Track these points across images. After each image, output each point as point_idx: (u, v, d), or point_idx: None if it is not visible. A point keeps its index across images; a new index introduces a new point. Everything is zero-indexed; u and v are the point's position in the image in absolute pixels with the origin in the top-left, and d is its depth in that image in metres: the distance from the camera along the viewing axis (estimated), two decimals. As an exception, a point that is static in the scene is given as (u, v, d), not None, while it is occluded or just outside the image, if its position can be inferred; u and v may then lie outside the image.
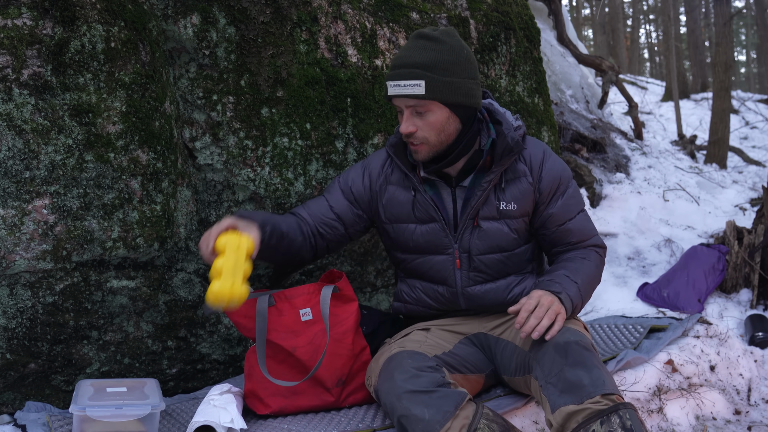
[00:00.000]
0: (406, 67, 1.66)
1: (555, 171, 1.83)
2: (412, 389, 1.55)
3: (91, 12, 1.74)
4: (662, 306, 3.11)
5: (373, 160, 1.94)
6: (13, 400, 1.95)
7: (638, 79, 15.79)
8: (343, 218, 1.88)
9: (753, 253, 3.29)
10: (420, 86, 1.64)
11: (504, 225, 1.81)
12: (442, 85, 1.65)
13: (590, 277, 1.83)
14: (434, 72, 1.65)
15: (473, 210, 1.79)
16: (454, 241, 1.81)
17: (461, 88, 1.68)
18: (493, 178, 1.77)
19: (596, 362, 1.55)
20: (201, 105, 2.02)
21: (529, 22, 2.97)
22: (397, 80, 1.67)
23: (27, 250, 1.71)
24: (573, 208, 1.86)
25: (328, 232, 1.88)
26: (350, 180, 1.91)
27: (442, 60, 1.66)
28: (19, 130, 1.67)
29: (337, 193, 1.90)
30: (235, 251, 1.56)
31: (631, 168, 5.12)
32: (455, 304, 1.88)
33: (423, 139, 1.71)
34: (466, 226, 1.80)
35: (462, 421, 1.50)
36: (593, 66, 6.20)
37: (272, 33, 2.10)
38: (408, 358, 1.66)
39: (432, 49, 1.67)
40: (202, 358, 2.21)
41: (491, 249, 1.82)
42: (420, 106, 1.68)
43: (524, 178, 1.81)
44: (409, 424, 1.53)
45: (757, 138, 9.39)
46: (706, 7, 17.72)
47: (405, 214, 1.84)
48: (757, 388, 2.41)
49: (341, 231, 1.89)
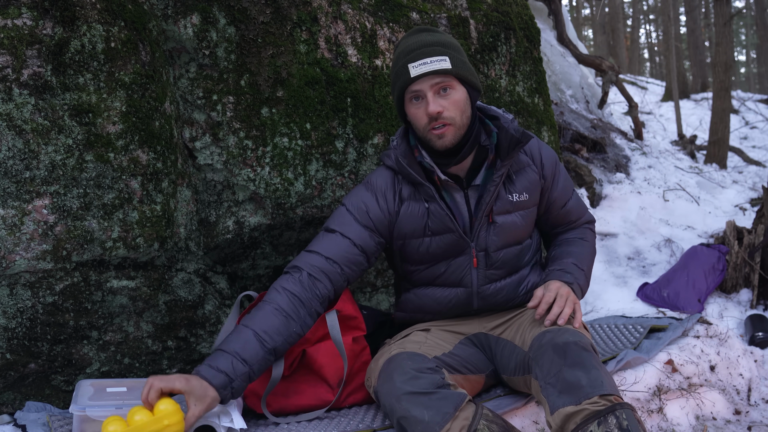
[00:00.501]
0: (428, 45, 1.69)
1: (551, 156, 1.91)
2: (412, 391, 1.55)
3: (91, 12, 1.75)
4: (662, 306, 3.11)
5: (377, 180, 1.81)
6: (13, 400, 1.95)
7: (638, 79, 15.79)
8: (366, 250, 1.74)
9: (753, 253, 3.29)
10: (446, 61, 1.67)
11: (517, 217, 1.83)
12: (462, 63, 1.71)
13: (591, 259, 1.95)
14: (453, 50, 1.71)
15: (488, 207, 1.79)
16: (471, 241, 1.81)
17: (473, 70, 1.76)
18: (503, 172, 1.79)
19: (595, 363, 1.55)
20: (201, 105, 2.02)
21: (529, 22, 2.97)
22: (422, 59, 1.66)
23: (27, 250, 1.71)
24: (569, 188, 1.96)
25: (348, 273, 1.72)
26: (363, 206, 1.76)
27: (454, 42, 1.75)
28: (19, 130, 1.67)
29: (353, 225, 1.74)
30: (157, 425, 1.42)
31: (631, 168, 5.12)
32: (467, 306, 1.88)
33: (450, 119, 1.68)
34: (482, 224, 1.80)
35: (461, 422, 1.50)
36: (593, 66, 6.20)
37: (272, 33, 2.10)
38: (407, 359, 1.65)
39: (442, 34, 1.75)
40: (202, 358, 2.21)
41: (507, 243, 1.83)
42: (445, 83, 1.68)
43: (529, 168, 1.84)
44: (408, 426, 1.52)
45: (757, 138, 9.40)
46: (706, 7, 17.72)
47: (418, 229, 1.78)
48: (757, 388, 2.41)
49: (364, 265, 1.76)
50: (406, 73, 1.68)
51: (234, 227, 2.12)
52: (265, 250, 2.28)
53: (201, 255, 2.10)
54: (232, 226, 2.12)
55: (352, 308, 1.89)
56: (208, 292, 2.14)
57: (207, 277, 2.16)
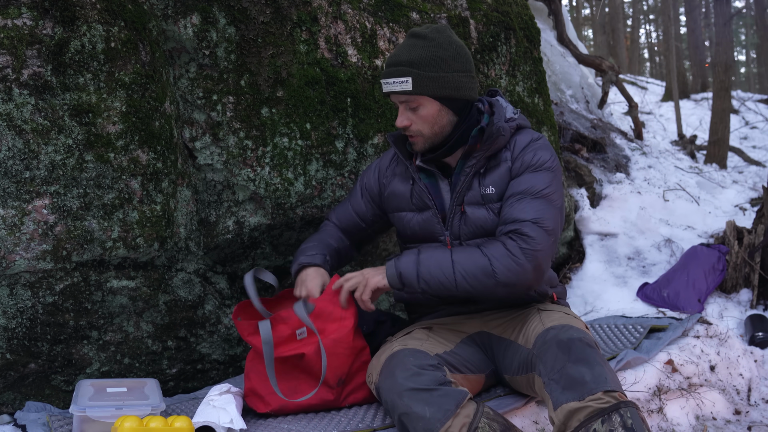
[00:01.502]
0: (395, 65, 1.77)
1: (531, 155, 1.78)
2: (414, 387, 1.56)
3: (91, 12, 1.74)
4: (662, 306, 3.11)
5: (384, 157, 2.07)
6: (13, 400, 1.95)
7: (638, 79, 15.79)
8: (363, 217, 2.05)
9: (753, 253, 3.29)
10: (407, 83, 1.75)
11: (488, 211, 1.82)
12: (428, 80, 1.75)
13: (456, 261, 1.69)
14: (420, 69, 1.74)
15: (459, 196, 1.83)
16: (446, 229, 1.86)
17: (450, 82, 1.76)
18: (475, 163, 1.81)
19: (599, 359, 1.55)
20: (201, 105, 2.02)
21: (529, 22, 2.97)
22: (387, 78, 1.79)
23: (27, 250, 1.71)
24: (522, 185, 1.73)
25: (354, 232, 2.07)
26: (365, 179, 2.05)
27: (429, 56, 1.75)
28: (19, 130, 1.67)
29: (357, 194, 2.06)
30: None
31: (631, 168, 5.12)
32: None
33: (417, 132, 1.81)
34: (455, 213, 1.84)
35: (463, 419, 1.50)
36: (593, 66, 6.20)
37: (272, 33, 2.10)
38: (410, 356, 1.66)
39: (420, 47, 1.76)
40: (202, 358, 2.21)
41: (477, 233, 1.83)
42: (411, 102, 1.78)
43: (504, 164, 1.83)
44: (409, 422, 1.53)
45: (757, 138, 9.40)
46: (706, 7, 17.72)
47: (404, 204, 1.93)
48: (757, 388, 2.41)
49: (366, 230, 2.07)
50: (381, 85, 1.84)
51: (234, 227, 2.12)
52: (265, 250, 2.28)
53: (201, 255, 2.10)
54: (232, 226, 2.12)
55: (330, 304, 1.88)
56: (208, 292, 2.14)
57: (207, 277, 2.16)
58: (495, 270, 1.66)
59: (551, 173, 1.77)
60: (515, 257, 1.66)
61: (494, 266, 1.66)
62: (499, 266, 1.66)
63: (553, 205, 1.73)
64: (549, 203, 1.72)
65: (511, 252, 1.66)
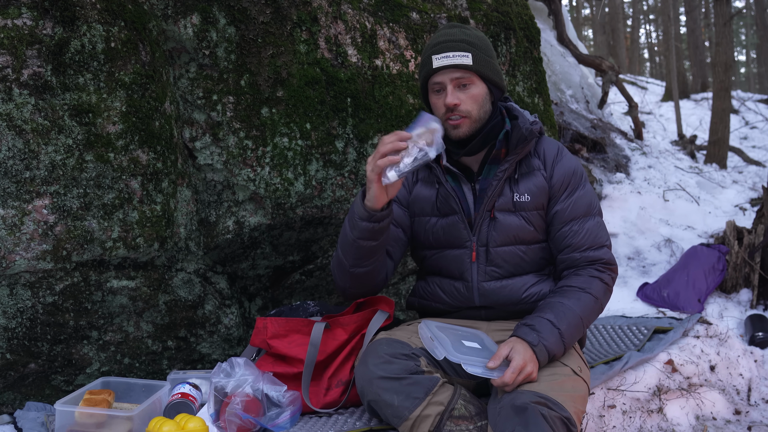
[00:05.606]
0: (453, 41, 1.78)
1: (568, 167, 1.87)
2: (383, 375, 1.59)
3: (91, 12, 1.75)
4: (662, 306, 3.11)
5: None
6: (13, 400, 1.95)
7: (638, 79, 15.80)
8: (402, 225, 1.92)
9: (753, 253, 3.30)
10: (468, 57, 1.76)
11: (519, 218, 1.83)
12: (484, 61, 1.78)
13: (582, 317, 1.74)
14: (477, 49, 1.78)
15: (489, 201, 1.82)
16: (472, 234, 1.84)
17: (497, 69, 1.82)
18: (507, 168, 1.81)
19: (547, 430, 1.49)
20: (201, 105, 2.02)
21: (529, 22, 2.97)
22: (445, 52, 1.76)
23: (27, 250, 1.71)
24: (581, 208, 1.83)
25: (395, 248, 1.91)
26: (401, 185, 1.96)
27: (481, 41, 1.81)
28: (19, 130, 1.67)
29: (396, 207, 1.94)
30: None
31: (631, 168, 5.12)
32: (470, 300, 1.87)
33: (466, 112, 1.78)
34: (483, 218, 1.83)
35: (437, 407, 1.53)
36: (593, 66, 6.21)
37: (272, 33, 2.10)
38: (384, 344, 1.68)
39: (472, 31, 1.82)
40: (202, 358, 2.21)
41: (508, 240, 1.83)
42: (464, 79, 1.77)
43: (538, 172, 1.85)
44: (379, 409, 1.58)
45: (757, 138, 9.40)
46: (706, 7, 17.72)
47: (428, 208, 1.90)
48: (757, 388, 2.41)
49: (404, 241, 1.93)
50: (429, 63, 1.79)
51: (234, 227, 2.12)
52: (265, 250, 2.28)
53: (201, 255, 2.10)
54: (232, 226, 2.12)
55: None
56: (208, 292, 2.14)
57: (207, 277, 2.16)
58: (603, 304, 1.82)
59: (588, 182, 1.89)
60: (609, 286, 1.83)
61: (602, 303, 1.81)
62: (604, 300, 1.82)
63: (602, 217, 1.89)
64: (601, 217, 1.88)
65: (608, 284, 1.82)
